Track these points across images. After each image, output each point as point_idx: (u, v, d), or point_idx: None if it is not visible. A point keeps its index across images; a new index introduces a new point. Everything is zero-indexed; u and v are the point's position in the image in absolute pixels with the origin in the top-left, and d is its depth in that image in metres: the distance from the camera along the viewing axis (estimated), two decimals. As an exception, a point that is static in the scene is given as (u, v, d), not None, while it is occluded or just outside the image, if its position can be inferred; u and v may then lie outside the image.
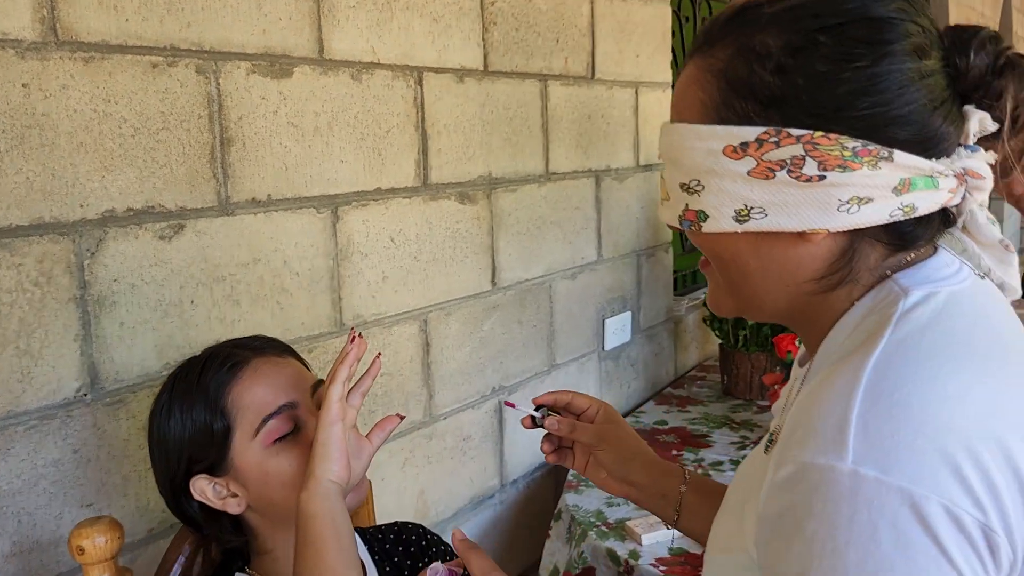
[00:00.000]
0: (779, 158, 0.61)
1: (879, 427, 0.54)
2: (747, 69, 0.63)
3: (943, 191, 0.63)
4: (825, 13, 0.61)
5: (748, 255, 0.67)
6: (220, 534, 0.94)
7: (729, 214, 0.64)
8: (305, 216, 1.42)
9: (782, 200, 0.62)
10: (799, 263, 0.66)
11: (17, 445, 1.06)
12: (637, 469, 0.96)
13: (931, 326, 0.60)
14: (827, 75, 0.60)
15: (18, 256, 1.06)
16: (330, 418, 0.86)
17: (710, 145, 0.64)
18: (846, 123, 0.61)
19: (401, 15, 1.57)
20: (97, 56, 1.12)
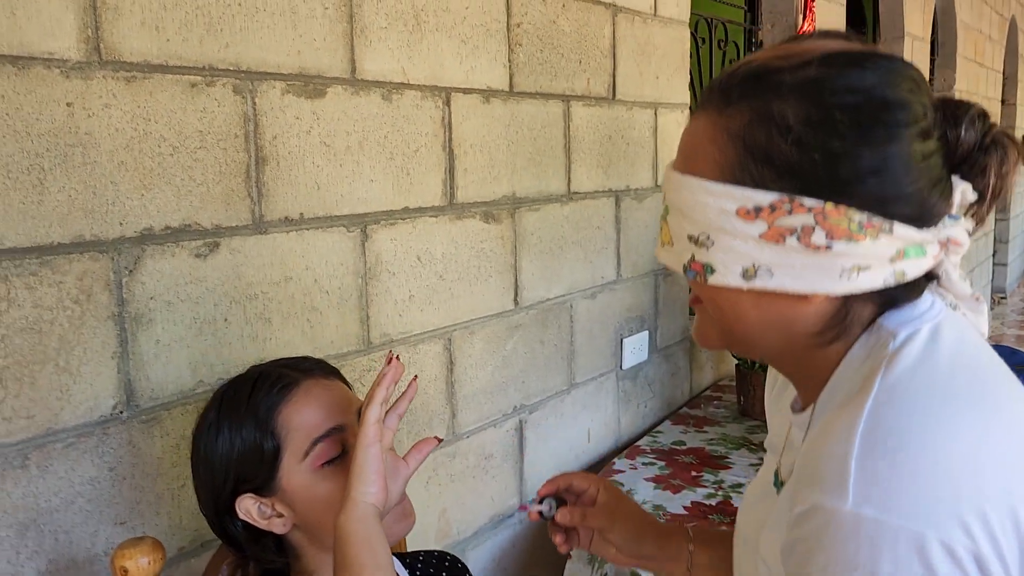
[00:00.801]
0: (790, 225, 0.64)
1: (876, 470, 0.59)
2: (765, 137, 0.65)
3: (929, 257, 0.67)
4: (844, 90, 0.63)
5: (749, 308, 0.70)
6: (262, 554, 0.94)
7: (737, 271, 0.67)
8: (335, 234, 1.43)
9: (789, 263, 0.65)
10: (796, 319, 0.70)
11: (55, 463, 1.07)
12: (648, 543, 1.00)
13: (917, 367, 0.64)
14: (842, 152, 0.63)
15: (59, 274, 1.06)
16: (367, 440, 0.86)
17: (723, 204, 0.66)
18: (855, 197, 0.64)
19: (431, 36, 1.59)
20: (139, 76, 1.13)
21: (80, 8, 1.06)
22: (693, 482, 1.99)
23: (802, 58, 0.65)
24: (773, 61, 0.66)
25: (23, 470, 1.04)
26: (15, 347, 1.02)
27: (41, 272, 1.04)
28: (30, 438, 1.04)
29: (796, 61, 0.65)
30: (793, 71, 0.65)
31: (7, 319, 1.02)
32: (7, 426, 1.02)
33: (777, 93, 0.65)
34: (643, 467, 2.08)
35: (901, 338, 0.67)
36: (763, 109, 0.65)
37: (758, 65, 0.67)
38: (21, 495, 1.04)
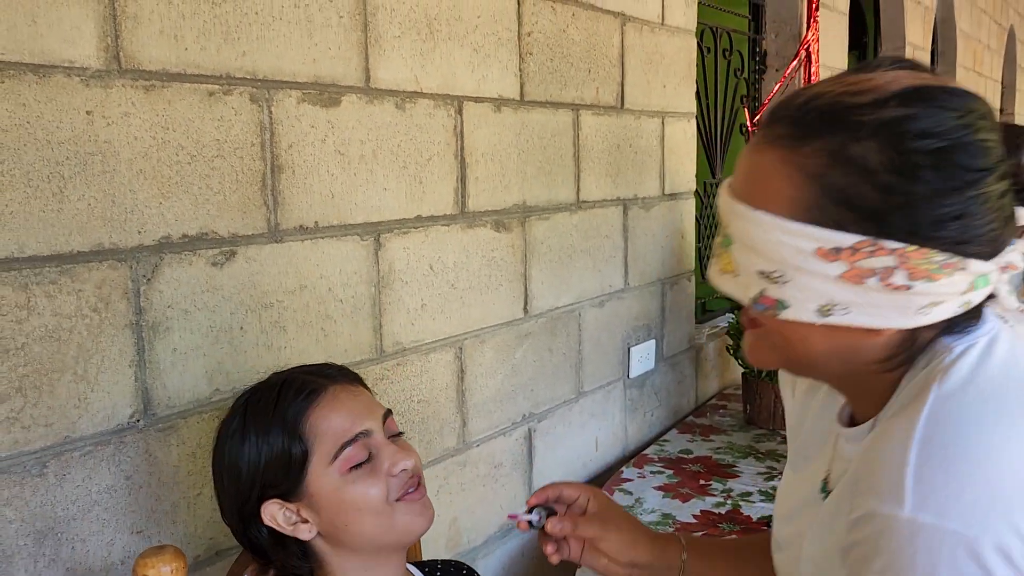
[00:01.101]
0: (871, 266, 0.65)
1: (933, 477, 0.61)
2: (845, 180, 0.65)
3: (992, 284, 0.69)
4: (925, 135, 0.63)
5: (818, 340, 0.71)
6: (287, 560, 0.94)
7: (812, 308, 0.68)
8: (349, 243, 1.43)
9: (867, 302, 0.66)
10: (864, 349, 0.71)
11: (73, 471, 1.06)
12: (642, 551, 0.99)
13: (971, 378, 0.66)
14: (925, 197, 0.64)
15: (78, 282, 1.06)
16: None
17: (800, 244, 0.66)
18: (937, 240, 0.65)
19: (443, 45, 1.59)
20: (157, 84, 1.13)
21: (100, 17, 1.07)
22: (701, 491, 1.99)
23: (877, 94, 0.65)
24: (846, 97, 0.66)
25: (41, 478, 1.04)
26: (34, 355, 1.02)
27: (61, 280, 1.04)
28: (48, 446, 1.04)
29: (871, 98, 0.65)
30: (871, 110, 0.64)
31: (27, 327, 1.02)
32: (26, 434, 1.02)
33: (855, 134, 0.65)
34: (651, 476, 2.08)
35: (957, 351, 0.69)
36: (842, 151, 0.65)
37: (831, 100, 0.67)
38: (39, 503, 1.03)
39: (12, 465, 1.01)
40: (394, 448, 0.95)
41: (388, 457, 0.93)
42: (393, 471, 0.93)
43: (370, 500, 0.90)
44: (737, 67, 3.20)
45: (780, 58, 3.41)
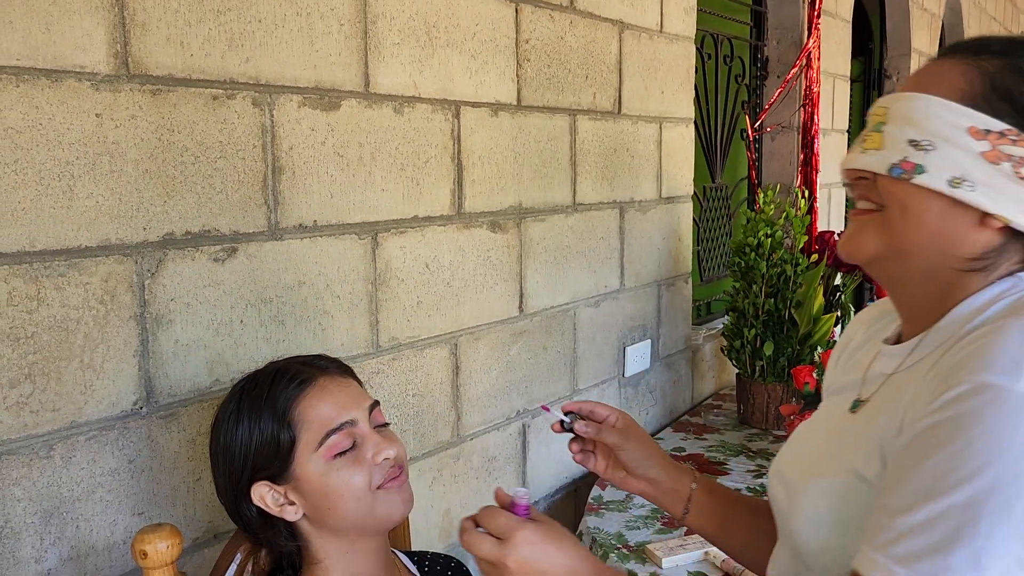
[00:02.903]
0: (1010, 152, 0.76)
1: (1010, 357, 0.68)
2: (1013, 81, 0.78)
3: None
4: None
5: (933, 215, 0.80)
6: (274, 539, 1.00)
7: (946, 177, 0.78)
8: (347, 242, 1.49)
9: (994, 184, 0.76)
10: (964, 240, 0.79)
11: (78, 454, 1.12)
12: (655, 467, 1.09)
13: None
14: None
15: (86, 275, 1.12)
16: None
17: (958, 120, 0.78)
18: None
19: (442, 51, 1.65)
20: (164, 89, 1.19)
21: (110, 24, 1.13)
22: (691, 488, 2.03)
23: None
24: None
25: (48, 460, 1.10)
26: (43, 344, 1.08)
27: (69, 273, 1.10)
28: (55, 430, 1.10)
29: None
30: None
31: (36, 317, 1.08)
32: (34, 418, 1.08)
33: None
34: (643, 473, 2.13)
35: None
36: (1016, 64, 0.79)
37: (1012, 38, 0.82)
38: (46, 484, 1.09)
39: (21, 447, 1.07)
40: (378, 438, 1.01)
41: (372, 446, 0.99)
42: (376, 459, 0.99)
43: (353, 486, 0.96)
44: (738, 73, 3.24)
45: (782, 64, 3.45)
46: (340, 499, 0.96)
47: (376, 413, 1.04)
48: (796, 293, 2.39)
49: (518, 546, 0.80)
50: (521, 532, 0.80)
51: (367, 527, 0.99)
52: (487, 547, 0.81)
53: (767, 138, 3.53)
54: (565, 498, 2.17)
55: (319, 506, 0.97)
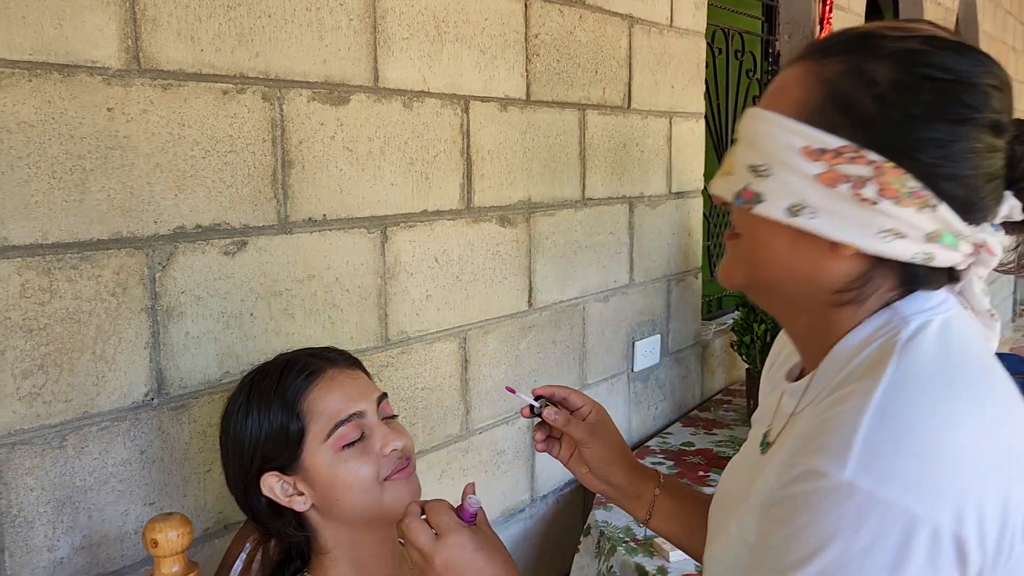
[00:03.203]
0: (847, 173, 0.68)
1: (881, 446, 0.62)
2: (852, 87, 0.69)
3: (960, 253, 0.70)
4: (937, 67, 0.68)
5: (783, 246, 0.73)
6: (283, 529, 1.01)
7: (784, 205, 0.71)
8: (356, 236, 1.49)
9: (834, 209, 0.69)
10: (822, 271, 0.72)
11: (91, 445, 1.14)
12: (618, 471, 1.03)
13: (930, 357, 0.68)
14: (918, 119, 0.67)
15: (98, 268, 1.14)
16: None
17: (792, 140, 0.70)
18: (915, 164, 0.67)
19: (451, 46, 1.65)
20: (174, 83, 1.20)
21: (121, 20, 1.14)
22: (700, 481, 2.04)
23: (908, 32, 0.70)
24: (881, 29, 0.71)
25: (61, 450, 1.11)
26: (56, 335, 1.10)
27: (81, 266, 1.12)
28: (68, 420, 1.12)
29: (902, 33, 0.70)
30: (897, 40, 0.69)
31: (49, 309, 1.09)
32: (47, 408, 1.09)
33: (876, 54, 0.69)
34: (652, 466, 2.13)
35: (914, 326, 0.70)
36: (858, 64, 0.69)
37: (866, 30, 0.72)
38: (58, 474, 1.11)
39: (34, 437, 1.08)
40: (386, 429, 1.01)
41: (380, 438, 1.00)
42: (384, 451, 0.99)
43: (361, 478, 0.97)
44: (749, 68, 3.23)
45: (794, 59, 3.43)
46: (348, 490, 0.97)
47: (384, 405, 1.04)
48: (806, 288, 2.38)
49: (450, 547, 0.82)
50: (456, 535, 0.82)
51: (375, 518, 0.99)
52: (422, 538, 0.83)
53: (778, 133, 3.50)
54: (574, 492, 2.17)
55: (327, 497, 0.98)
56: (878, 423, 0.63)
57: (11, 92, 1.04)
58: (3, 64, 1.03)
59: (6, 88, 1.03)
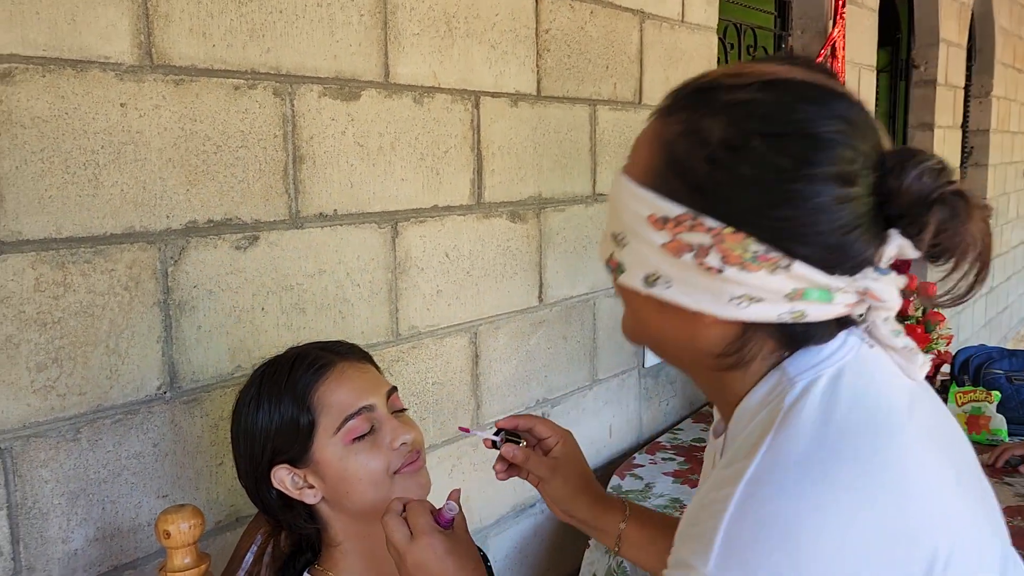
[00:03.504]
0: (689, 241, 0.64)
1: (741, 539, 0.60)
2: (687, 150, 0.65)
3: (838, 305, 0.65)
4: (770, 118, 0.63)
5: (652, 313, 0.70)
6: (294, 521, 1.02)
7: (640, 275, 0.68)
8: (367, 231, 1.50)
9: (684, 279, 0.66)
10: (696, 337, 0.69)
11: (104, 437, 1.15)
12: (580, 506, 1.00)
13: (808, 425, 0.63)
14: (750, 179, 0.63)
15: (111, 262, 1.14)
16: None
17: (639, 208, 0.67)
18: (755, 227, 0.63)
19: (461, 42, 1.65)
20: (186, 79, 1.21)
21: (134, 16, 1.15)
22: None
23: (747, 79, 0.65)
24: (721, 78, 0.67)
25: (75, 443, 1.12)
26: (70, 329, 1.11)
27: (94, 260, 1.13)
28: (81, 413, 1.13)
29: (739, 81, 0.65)
30: (731, 91, 0.65)
31: (63, 303, 1.10)
32: (61, 401, 1.11)
33: (710, 109, 0.65)
34: (663, 462, 2.13)
35: (799, 389, 0.66)
36: (694, 123, 0.65)
37: (708, 80, 0.68)
38: (73, 466, 1.12)
39: (48, 430, 1.09)
40: (396, 423, 1.02)
41: (390, 431, 1.00)
42: (394, 444, 1.00)
43: (370, 471, 0.97)
44: (762, 63, 3.21)
45: (807, 54, 3.42)
46: (358, 483, 0.97)
47: (394, 398, 1.05)
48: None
49: (422, 548, 0.84)
50: (428, 538, 0.84)
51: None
52: (398, 535, 0.86)
53: (791, 129, 3.49)
54: (585, 488, 2.17)
55: (337, 489, 0.98)
56: (740, 515, 0.60)
57: (25, 87, 1.05)
58: (17, 60, 1.04)
59: (20, 83, 1.04)
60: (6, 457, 1.06)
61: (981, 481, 0.71)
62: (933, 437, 0.66)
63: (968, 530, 0.63)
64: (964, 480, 0.67)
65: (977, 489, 0.69)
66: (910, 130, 4.81)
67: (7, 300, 1.05)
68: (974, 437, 2.20)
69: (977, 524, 0.65)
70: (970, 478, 0.69)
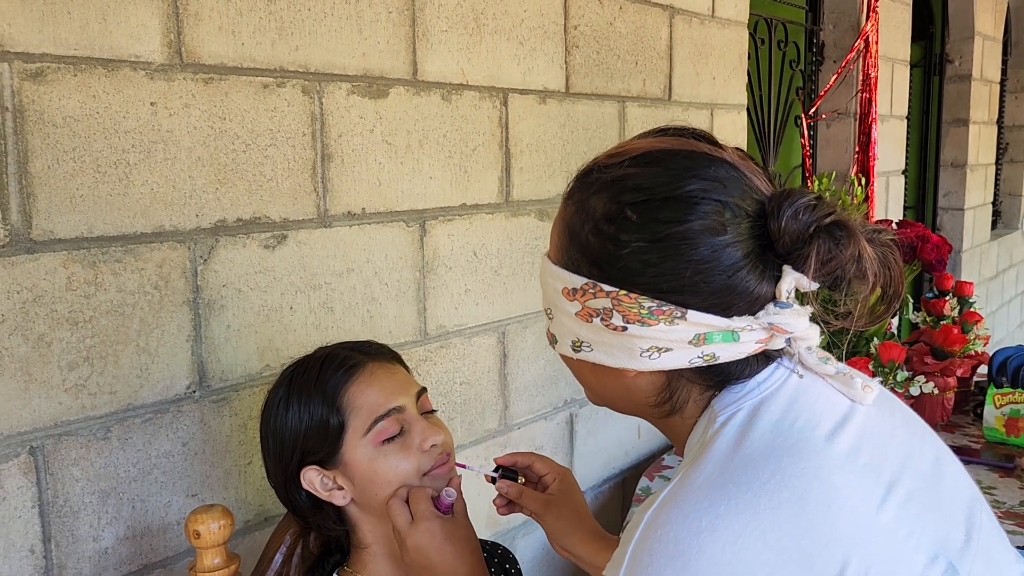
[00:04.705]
0: (595, 307, 0.72)
1: (642, 561, 0.65)
2: (580, 226, 0.72)
3: (747, 343, 0.71)
4: (639, 188, 0.70)
5: (588, 374, 0.79)
6: (323, 523, 1.01)
7: (568, 343, 0.76)
8: (395, 229, 1.49)
9: (600, 340, 0.73)
10: (632, 390, 0.77)
11: (134, 436, 1.15)
12: (575, 542, 1.02)
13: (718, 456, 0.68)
14: (629, 244, 0.69)
15: (141, 261, 1.15)
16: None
17: (555, 283, 0.74)
18: (643, 286, 0.70)
19: (490, 38, 1.64)
20: (216, 77, 1.21)
21: (164, 15, 1.15)
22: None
23: (621, 157, 0.73)
24: (602, 159, 0.74)
25: (105, 442, 1.12)
26: (101, 328, 1.11)
27: (125, 259, 1.13)
28: (112, 412, 1.13)
29: (615, 160, 0.73)
30: (607, 169, 0.72)
31: (94, 302, 1.10)
32: (92, 400, 1.11)
33: (594, 188, 0.72)
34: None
35: (717, 424, 0.71)
36: (583, 202, 0.73)
37: (593, 162, 0.75)
38: (103, 465, 1.12)
39: (80, 428, 1.10)
40: (425, 424, 1.01)
41: (419, 433, 0.99)
42: (424, 446, 0.99)
43: (400, 472, 0.96)
44: (792, 58, 3.17)
45: (838, 49, 3.37)
46: (388, 485, 0.96)
47: (424, 400, 1.04)
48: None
49: (421, 532, 0.91)
50: (427, 523, 0.91)
51: None
52: (399, 520, 0.92)
53: (822, 125, 3.45)
54: (613, 489, 2.15)
55: (367, 491, 0.98)
56: (643, 538, 0.66)
57: (57, 87, 1.05)
58: (49, 59, 1.04)
59: (52, 83, 1.05)
60: (38, 455, 1.06)
61: (939, 490, 0.72)
62: (860, 457, 0.69)
63: (890, 544, 0.65)
64: (906, 493, 0.69)
65: (928, 499, 0.71)
66: (944, 126, 4.73)
67: (40, 299, 1.05)
68: (1013, 440, 2.15)
69: (913, 535, 0.67)
70: (917, 490, 0.70)
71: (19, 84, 1.02)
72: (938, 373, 2.30)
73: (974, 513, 0.73)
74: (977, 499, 0.75)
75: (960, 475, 0.76)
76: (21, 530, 1.05)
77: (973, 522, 0.72)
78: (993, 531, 0.75)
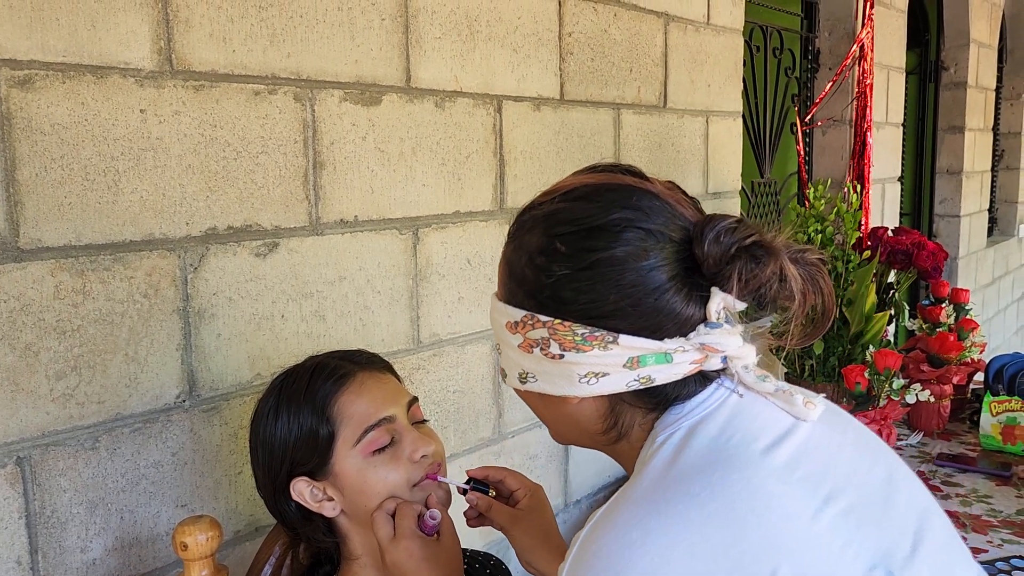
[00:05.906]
0: (534, 337, 0.74)
1: (577, 572, 0.68)
2: (517, 261, 0.76)
3: (682, 364, 0.72)
4: (568, 221, 0.73)
5: (538, 405, 0.82)
6: (313, 534, 1.00)
7: (515, 375, 0.79)
8: (388, 237, 1.48)
9: (542, 370, 0.75)
10: (579, 418, 0.79)
11: (123, 446, 1.14)
12: (540, 558, 1.03)
13: (653, 475, 0.70)
14: (558, 274, 0.72)
15: (130, 269, 1.14)
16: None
17: (500, 318, 0.78)
18: (575, 314, 0.72)
19: (483, 46, 1.64)
20: (206, 84, 1.20)
21: (154, 21, 1.14)
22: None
23: (554, 194, 0.76)
24: (539, 197, 0.78)
25: (93, 452, 1.11)
26: (89, 337, 1.10)
27: (114, 268, 1.12)
28: (100, 422, 1.12)
29: (548, 197, 0.76)
30: (540, 206, 0.76)
31: (83, 311, 1.09)
32: (80, 410, 1.10)
33: (528, 225, 0.76)
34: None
35: (655, 444, 0.73)
36: (520, 239, 0.76)
37: (528, 202, 0.79)
38: (91, 475, 1.11)
39: (67, 438, 1.08)
40: (416, 435, 1.00)
41: (410, 443, 0.98)
42: (414, 457, 0.98)
43: (390, 484, 0.95)
44: (788, 66, 3.17)
45: (834, 56, 3.37)
46: (377, 496, 0.95)
47: (415, 409, 1.03)
48: (847, 291, 2.33)
49: (400, 551, 0.92)
50: (407, 541, 0.92)
51: None
52: (382, 532, 0.93)
53: (817, 132, 3.45)
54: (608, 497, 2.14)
55: (357, 502, 0.97)
56: (581, 549, 0.68)
57: (45, 94, 1.04)
58: (37, 66, 1.03)
59: (40, 90, 1.04)
60: (25, 466, 1.05)
61: (888, 504, 0.73)
62: (798, 470, 0.70)
63: (823, 554, 0.66)
64: (847, 505, 0.69)
65: (872, 512, 0.71)
66: (939, 133, 4.74)
67: (27, 308, 1.04)
68: (1010, 448, 2.14)
69: (851, 545, 0.67)
70: (860, 503, 0.71)
71: (7, 91, 1.01)
72: (934, 381, 2.29)
73: (925, 525, 0.73)
74: (931, 511, 0.76)
75: (916, 490, 0.77)
76: (8, 541, 1.04)
77: (923, 534, 0.72)
78: (948, 542, 0.75)
